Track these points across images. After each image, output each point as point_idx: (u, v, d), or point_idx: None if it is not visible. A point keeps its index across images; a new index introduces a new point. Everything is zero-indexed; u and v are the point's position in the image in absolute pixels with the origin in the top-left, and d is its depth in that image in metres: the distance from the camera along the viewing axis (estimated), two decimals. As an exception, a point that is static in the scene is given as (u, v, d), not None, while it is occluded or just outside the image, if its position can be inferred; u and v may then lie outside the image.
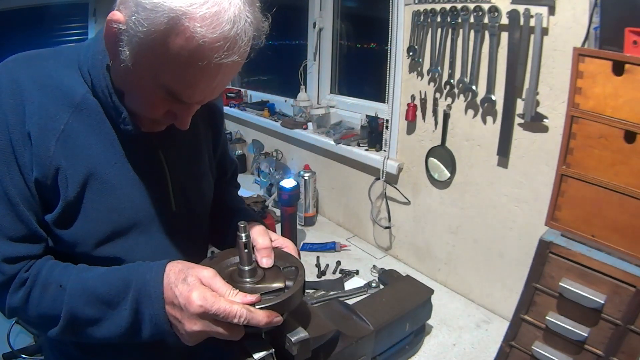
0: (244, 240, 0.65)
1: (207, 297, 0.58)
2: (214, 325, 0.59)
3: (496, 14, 1.06)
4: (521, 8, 1.01)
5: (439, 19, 1.20)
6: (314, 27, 1.85)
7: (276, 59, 2.35)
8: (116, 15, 0.56)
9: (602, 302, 0.78)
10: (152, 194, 0.73)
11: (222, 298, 0.59)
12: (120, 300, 0.62)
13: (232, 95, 2.40)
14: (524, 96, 1.06)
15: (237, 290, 0.61)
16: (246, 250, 0.65)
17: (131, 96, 0.65)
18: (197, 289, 0.59)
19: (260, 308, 0.60)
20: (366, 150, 1.56)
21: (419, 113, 1.35)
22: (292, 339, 0.64)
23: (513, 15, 1.03)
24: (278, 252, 0.72)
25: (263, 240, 0.71)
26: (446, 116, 1.27)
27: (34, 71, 0.65)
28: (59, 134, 0.64)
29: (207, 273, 0.62)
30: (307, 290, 1.28)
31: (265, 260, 0.69)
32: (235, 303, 0.58)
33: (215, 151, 0.91)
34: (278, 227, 1.65)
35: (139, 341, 0.63)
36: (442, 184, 1.35)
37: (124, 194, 0.70)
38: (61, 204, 0.65)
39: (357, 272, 1.42)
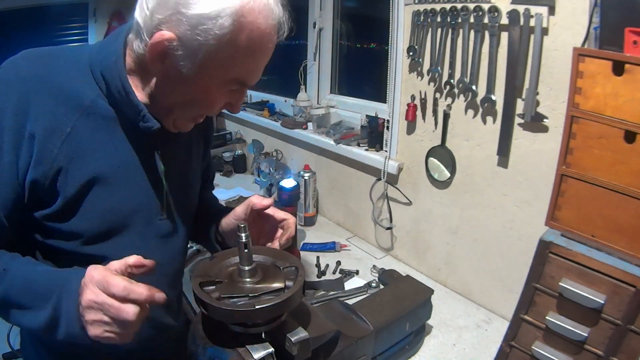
0: (244, 240, 0.65)
1: (92, 274, 0.56)
2: (102, 314, 0.55)
3: (496, 14, 1.06)
4: (521, 8, 1.01)
5: (439, 19, 1.20)
6: (314, 27, 1.85)
7: (276, 59, 2.33)
8: (166, 34, 0.60)
9: (602, 302, 0.78)
10: (148, 199, 0.76)
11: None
12: (51, 296, 0.60)
13: (232, 95, 2.39)
14: (524, 96, 1.06)
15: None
16: (246, 250, 0.65)
17: (183, 103, 0.69)
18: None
19: (260, 308, 0.60)
20: (366, 150, 1.56)
21: (419, 113, 1.35)
22: (292, 339, 0.64)
23: (513, 15, 1.03)
24: (278, 252, 0.73)
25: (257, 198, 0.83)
26: (446, 116, 1.27)
27: (44, 72, 0.66)
28: (65, 136, 0.65)
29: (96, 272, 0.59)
30: (307, 290, 1.28)
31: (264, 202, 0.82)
32: (118, 276, 0.56)
33: (203, 161, 0.95)
34: (278, 227, 1.65)
35: (58, 338, 0.60)
36: (442, 184, 1.35)
37: (123, 196, 0.72)
38: (61, 202, 0.66)
39: (357, 272, 1.42)
